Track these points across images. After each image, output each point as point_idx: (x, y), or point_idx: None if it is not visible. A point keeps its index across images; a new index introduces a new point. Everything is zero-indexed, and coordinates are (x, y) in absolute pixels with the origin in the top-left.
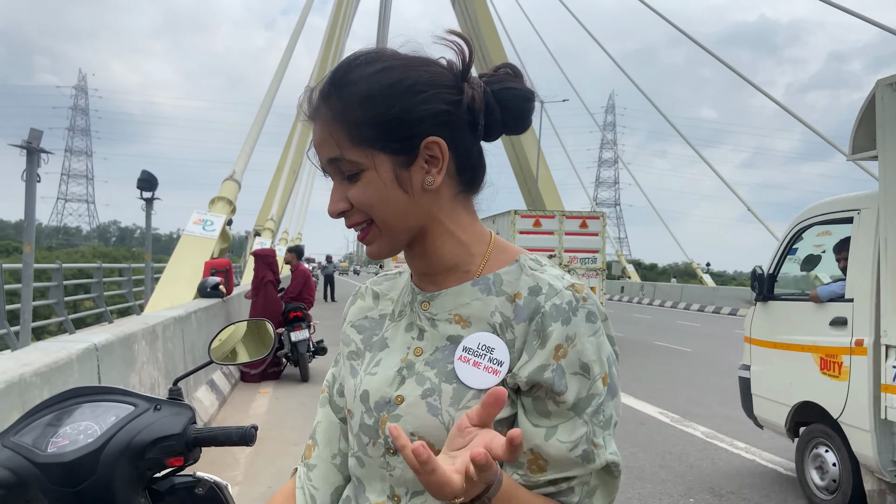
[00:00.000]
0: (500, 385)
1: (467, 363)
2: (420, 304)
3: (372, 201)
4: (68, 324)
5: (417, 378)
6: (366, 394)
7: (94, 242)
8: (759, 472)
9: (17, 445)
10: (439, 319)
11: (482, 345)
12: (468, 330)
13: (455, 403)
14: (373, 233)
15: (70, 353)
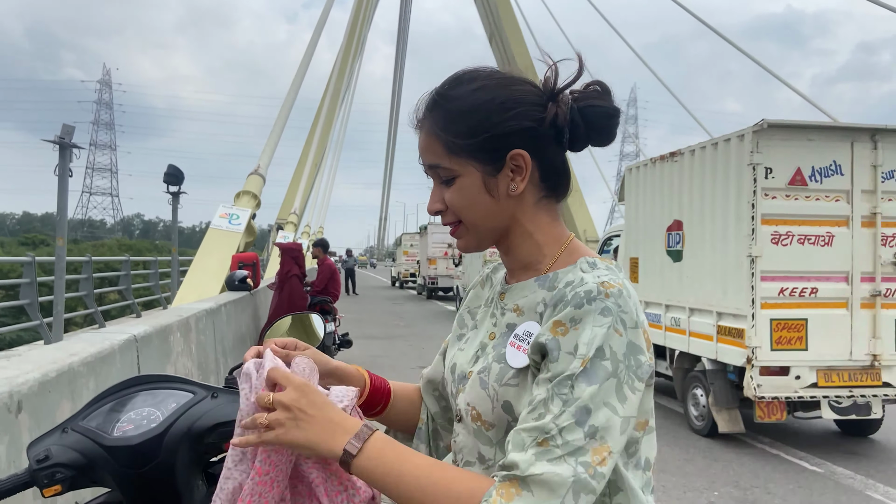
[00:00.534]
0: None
1: (514, 346)
2: (499, 294)
3: (462, 204)
4: (98, 316)
5: (484, 358)
6: (453, 366)
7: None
8: (784, 467)
9: (85, 430)
10: (507, 309)
11: (526, 331)
12: (521, 318)
13: (498, 380)
14: (461, 231)
15: (113, 343)
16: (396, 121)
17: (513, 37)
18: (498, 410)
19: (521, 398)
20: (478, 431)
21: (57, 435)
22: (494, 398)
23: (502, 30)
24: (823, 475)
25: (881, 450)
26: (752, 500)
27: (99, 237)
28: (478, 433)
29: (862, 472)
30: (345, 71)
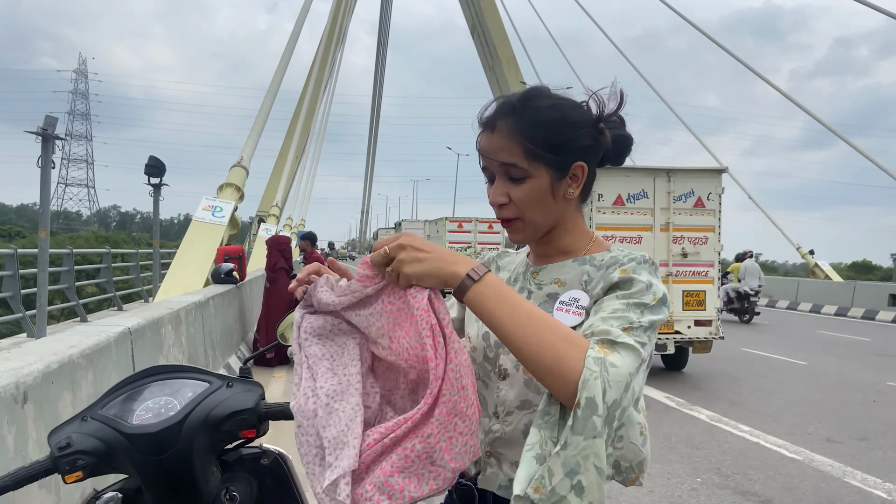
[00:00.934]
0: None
1: (562, 311)
2: (531, 273)
3: (529, 202)
4: (80, 309)
5: None
6: (487, 334)
7: (95, 227)
8: (764, 454)
9: (105, 418)
10: (544, 284)
11: (572, 298)
12: (563, 289)
13: None
14: (518, 225)
15: (108, 336)
16: (378, 113)
17: (494, 29)
18: None
19: None
20: (529, 382)
21: (77, 423)
22: None
23: (484, 22)
24: (802, 462)
25: (859, 439)
26: (734, 487)
27: (75, 229)
28: (529, 383)
29: (840, 459)
30: (326, 62)
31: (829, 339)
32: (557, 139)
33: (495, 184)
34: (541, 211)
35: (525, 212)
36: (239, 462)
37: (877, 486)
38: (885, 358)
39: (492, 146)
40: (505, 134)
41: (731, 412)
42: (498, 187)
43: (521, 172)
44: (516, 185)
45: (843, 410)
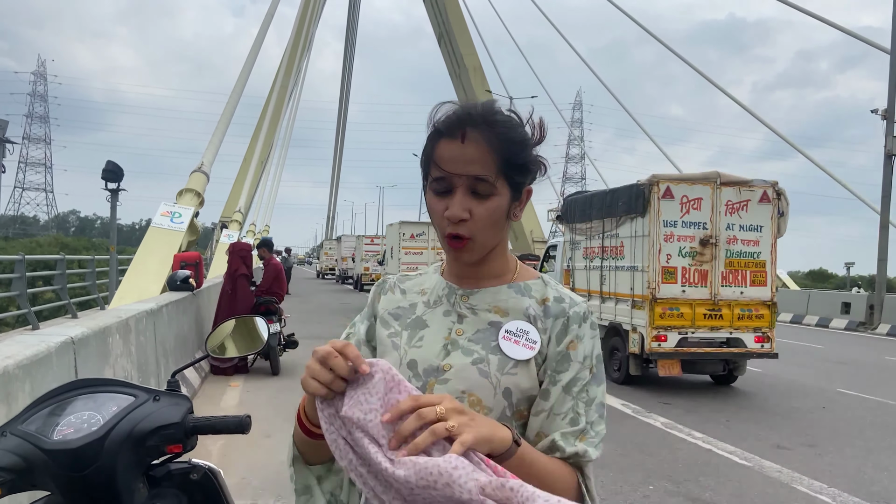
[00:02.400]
0: (534, 358)
1: (509, 341)
2: (460, 297)
3: (490, 221)
4: (31, 317)
5: (464, 351)
6: (413, 362)
7: (53, 232)
8: (716, 460)
9: (24, 433)
10: (479, 309)
11: (520, 329)
12: (506, 318)
13: (500, 370)
14: (469, 245)
15: (49, 345)
16: (345, 118)
17: (461, 38)
18: (498, 396)
19: (519, 385)
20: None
21: None
22: (497, 385)
23: (451, 31)
24: (752, 468)
25: (808, 445)
26: (685, 493)
27: (32, 234)
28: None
29: (789, 466)
30: (292, 67)
31: (783, 347)
32: (523, 159)
33: (457, 197)
34: (494, 231)
35: (481, 230)
36: (167, 477)
37: (823, 491)
38: (837, 365)
39: (463, 157)
40: (481, 146)
41: (685, 419)
42: (461, 201)
43: (489, 189)
44: (480, 202)
45: (793, 417)
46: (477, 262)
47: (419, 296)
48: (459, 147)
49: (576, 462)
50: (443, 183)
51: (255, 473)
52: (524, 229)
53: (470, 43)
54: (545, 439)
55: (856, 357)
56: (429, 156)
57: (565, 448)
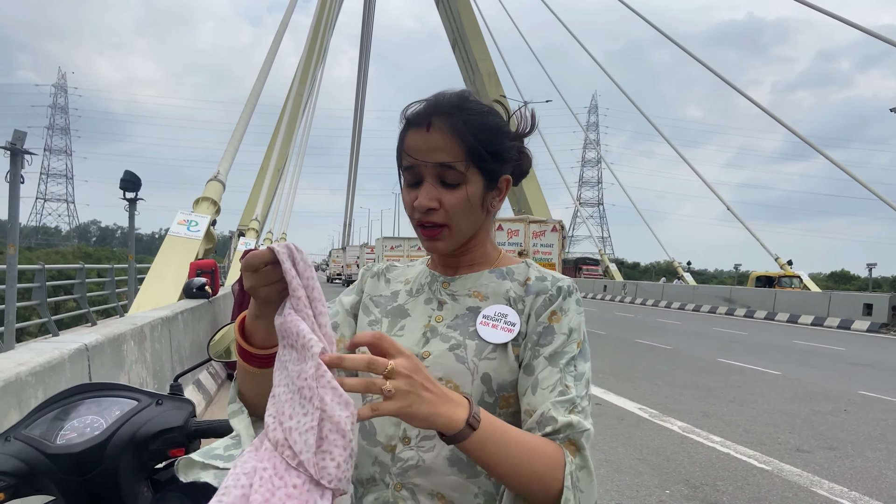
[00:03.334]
0: (513, 340)
1: (487, 325)
2: (441, 283)
3: (459, 210)
4: (51, 325)
5: (442, 337)
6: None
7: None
8: (734, 464)
9: (28, 438)
10: (459, 295)
11: (498, 312)
12: (485, 303)
13: (478, 355)
14: (444, 234)
15: (62, 353)
16: (360, 126)
17: (475, 44)
18: (477, 382)
19: (498, 370)
20: None
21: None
22: (474, 371)
23: (465, 37)
24: (771, 472)
25: (828, 448)
26: (702, 498)
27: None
28: None
29: (809, 469)
30: (307, 76)
31: (804, 349)
32: (496, 147)
33: (425, 187)
34: (468, 220)
35: (453, 219)
36: (171, 481)
37: (843, 495)
38: (859, 367)
39: (427, 145)
40: (446, 133)
41: (703, 423)
42: (429, 190)
43: (458, 177)
44: (449, 191)
45: (814, 420)
46: (458, 252)
47: (403, 285)
48: (425, 135)
49: (570, 436)
50: (412, 173)
51: None
52: None
53: (484, 48)
54: (535, 413)
55: (878, 359)
56: (399, 148)
57: (557, 418)
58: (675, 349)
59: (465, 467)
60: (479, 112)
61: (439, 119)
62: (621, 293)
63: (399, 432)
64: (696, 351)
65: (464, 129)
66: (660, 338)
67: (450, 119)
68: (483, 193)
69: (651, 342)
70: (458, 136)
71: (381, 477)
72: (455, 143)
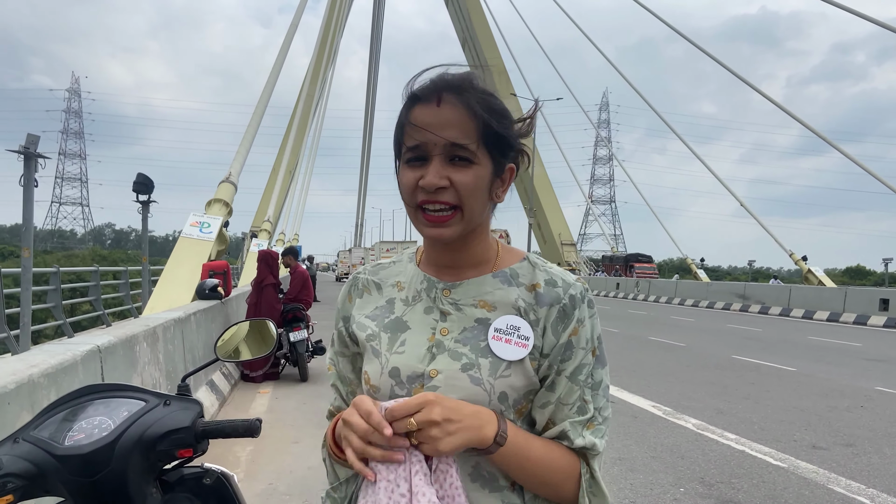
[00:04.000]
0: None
1: (500, 340)
2: (441, 291)
3: (472, 189)
4: (66, 327)
5: (451, 354)
6: (395, 370)
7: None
8: (749, 462)
9: (36, 439)
10: (464, 304)
11: (510, 325)
12: (494, 314)
13: (493, 374)
14: (456, 218)
15: (75, 354)
16: (371, 127)
17: (485, 43)
18: (494, 402)
19: (514, 386)
20: None
21: (8, 445)
22: (491, 392)
23: (475, 36)
24: (787, 469)
25: (845, 445)
26: (717, 496)
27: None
28: None
29: (825, 466)
30: (318, 77)
31: (819, 345)
32: (505, 131)
33: (434, 164)
34: (479, 204)
35: (466, 201)
36: (180, 482)
37: (860, 492)
38: (875, 363)
39: (438, 120)
40: (459, 109)
41: (717, 420)
42: (436, 170)
43: (470, 155)
44: (459, 170)
45: (830, 417)
46: (457, 247)
47: (395, 290)
48: (435, 110)
49: (583, 455)
50: (417, 151)
51: (282, 479)
52: (552, 232)
53: (494, 47)
54: (554, 428)
55: (895, 354)
56: (402, 124)
57: (574, 440)
58: (688, 346)
59: (486, 482)
60: (486, 93)
61: (451, 94)
62: (634, 290)
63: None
64: (710, 348)
65: (476, 106)
66: (673, 335)
67: (462, 95)
68: (491, 178)
69: (664, 339)
70: (471, 113)
71: None
72: (468, 119)
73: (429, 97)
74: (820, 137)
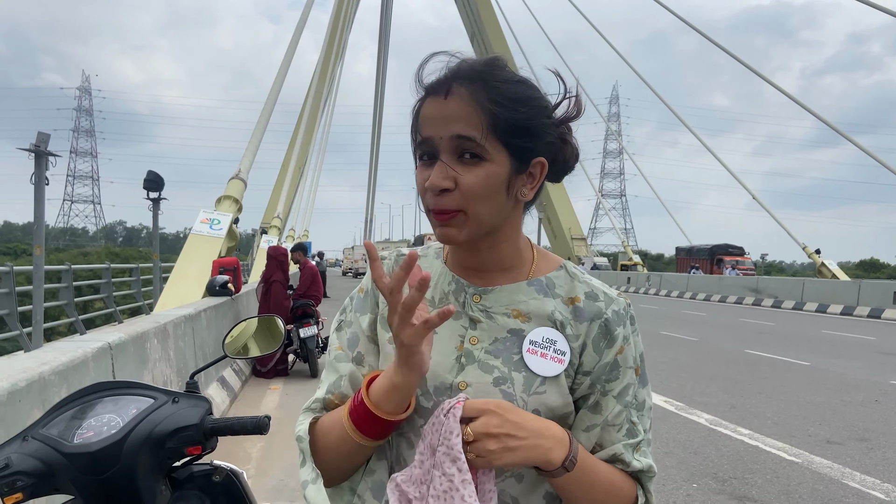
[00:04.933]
0: (564, 371)
1: (535, 354)
2: (471, 296)
3: (480, 192)
4: (79, 324)
5: (481, 366)
6: (423, 380)
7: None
8: (763, 457)
9: (45, 437)
10: (496, 313)
11: (546, 338)
12: (528, 325)
13: (527, 390)
14: (459, 219)
15: (86, 352)
16: (380, 122)
17: (493, 36)
18: None
19: (547, 403)
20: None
21: (17, 443)
22: (524, 408)
23: (483, 30)
24: (801, 465)
25: (859, 440)
26: (730, 492)
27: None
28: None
29: (839, 461)
30: (326, 73)
31: (833, 339)
32: (528, 122)
33: (439, 164)
34: (490, 206)
35: (471, 203)
36: (189, 479)
37: (875, 487)
38: (890, 357)
39: (444, 113)
40: (466, 101)
41: (730, 415)
42: (441, 169)
43: (480, 150)
44: (468, 168)
45: (844, 411)
46: (480, 248)
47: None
48: (442, 104)
49: (639, 478)
50: (425, 147)
51: (292, 475)
52: (562, 226)
53: (502, 40)
54: (604, 451)
55: None
56: (416, 118)
57: (630, 463)
58: (700, 341)
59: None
60: (507, 80)
61: (460, 85)
62: (645, 285)
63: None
64: (723, 342)
65: (486, 96)
66: (685, 329)
67: (471, 85)
68: (510, 176)
69: (676, 334)
70: (477, 104)
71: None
72: (475, 112)
73: (438, 90)
74: (834, 130)
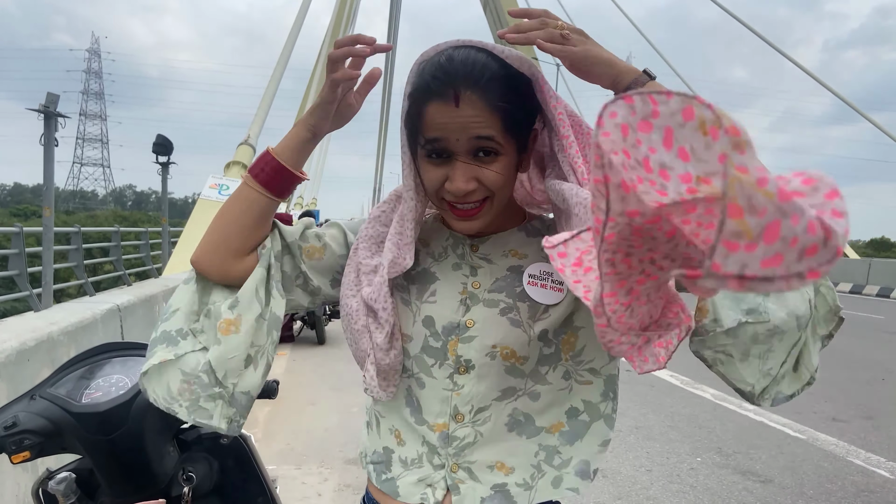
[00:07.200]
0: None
1: (535, 286)
2: (469, 247)
3: (501, 183)
4: (88, 286)
5: (486, 303)
6: (429, 319)
7: (111, 206)
8: (767, 433)
9: (53, 397)
10: (494, 256)
11: (543, 271)
12: (526, 261)
13: (532, 317)
14: (486, 209)
15: (95, 313)
16: (390, 89)
17: (506, 3)
18: (534, 342)
19: (553, 322)
20: (511, 368)
21: (25, 402)
22: (530, 333)
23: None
24: (806, 441)
25: (865, 417)
26: (734, 466)
27: (91, 208)
28: (511, 369)
29: (845, 438)
30: (337, 37)
31: None
32: (524, 107)
33: (458, 168)
34: (507, 190)
35: (497, 192)
36: (197, 441)
37: (880, 464)
38: None
39: (458, 120)
40: (479, 106)
41: None
42: (464, 170)
43: (498, 148)
44: (486, 165)
45: (851, 389)
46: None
47: (420, 245)
48: (453, 111)
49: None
50: (434, 146)
51: (299, 439)
52: None
53: (516, 6)
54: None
55: None
56: (417, 116)
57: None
58: None
59: (524, 428)
60: (510, 74)
61: (472, 91)
62: None
63: (449, 409)
64: None
65: (496, 96)
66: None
67: (485, 92)
68: (518, 157)
69: None
70: (490, 105)
71: (428, 458)
72: (490, 113)
73: (445, 94)
74: (850, 106)
